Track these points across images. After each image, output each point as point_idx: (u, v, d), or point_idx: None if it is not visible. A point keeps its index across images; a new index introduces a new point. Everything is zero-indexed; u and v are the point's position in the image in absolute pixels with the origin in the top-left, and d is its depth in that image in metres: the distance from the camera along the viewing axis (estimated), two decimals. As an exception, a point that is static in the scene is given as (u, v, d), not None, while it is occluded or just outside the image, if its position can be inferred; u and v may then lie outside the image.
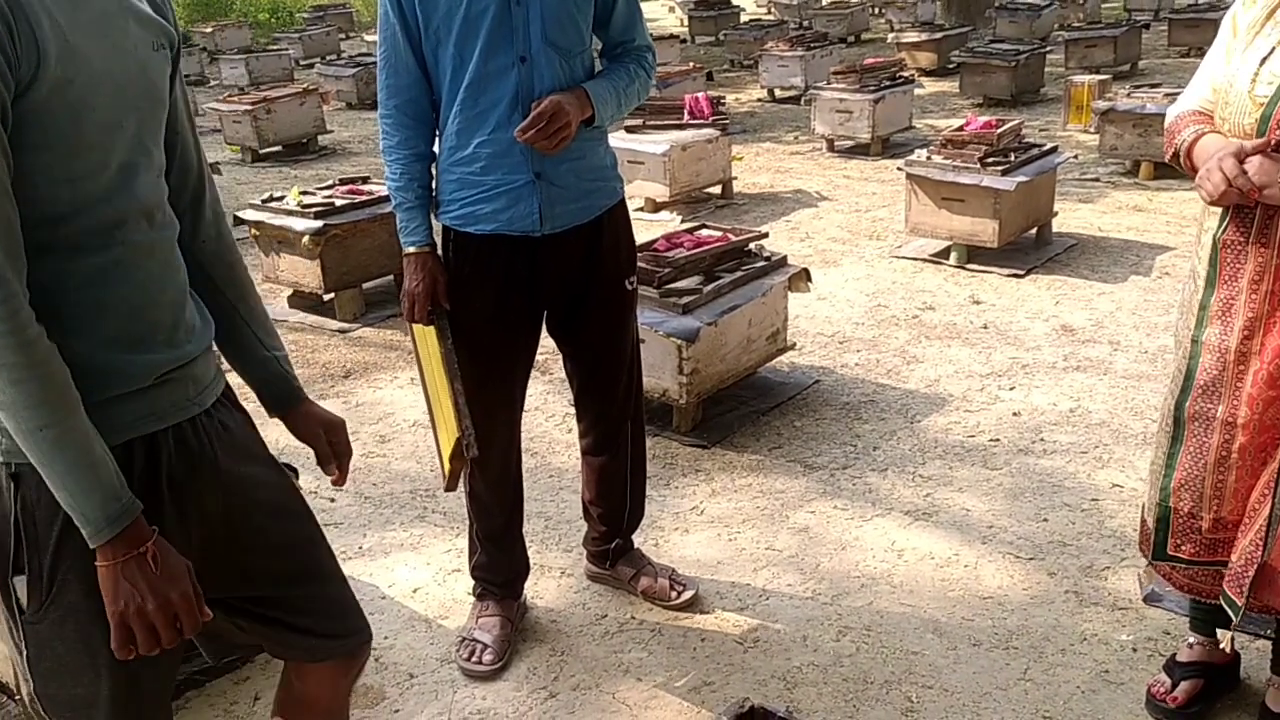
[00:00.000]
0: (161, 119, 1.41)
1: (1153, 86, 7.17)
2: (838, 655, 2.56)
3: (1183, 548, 2.13)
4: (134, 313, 1.36)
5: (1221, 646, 2.18)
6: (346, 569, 2.94)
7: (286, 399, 1.67)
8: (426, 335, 2.36)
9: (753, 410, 3.89)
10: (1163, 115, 2.09)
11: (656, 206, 6.66)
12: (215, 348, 1.55)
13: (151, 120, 1.38)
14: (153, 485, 1.38)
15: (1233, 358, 1.97)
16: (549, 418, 3.91)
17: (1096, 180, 6.90)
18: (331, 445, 1.68)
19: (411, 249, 2.34)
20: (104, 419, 1.31)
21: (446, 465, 2.31)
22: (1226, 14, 1.99)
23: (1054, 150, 5.63)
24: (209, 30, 16.08)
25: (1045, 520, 3.09)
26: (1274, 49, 1.86)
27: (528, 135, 2.16)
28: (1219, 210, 1.95)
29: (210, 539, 1.46)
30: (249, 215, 5.16)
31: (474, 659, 2.55)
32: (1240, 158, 1.81)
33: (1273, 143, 1.83)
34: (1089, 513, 3.11)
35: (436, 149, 2.37)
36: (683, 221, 6.16)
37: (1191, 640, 2.33)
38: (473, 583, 2.71)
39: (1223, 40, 1.99)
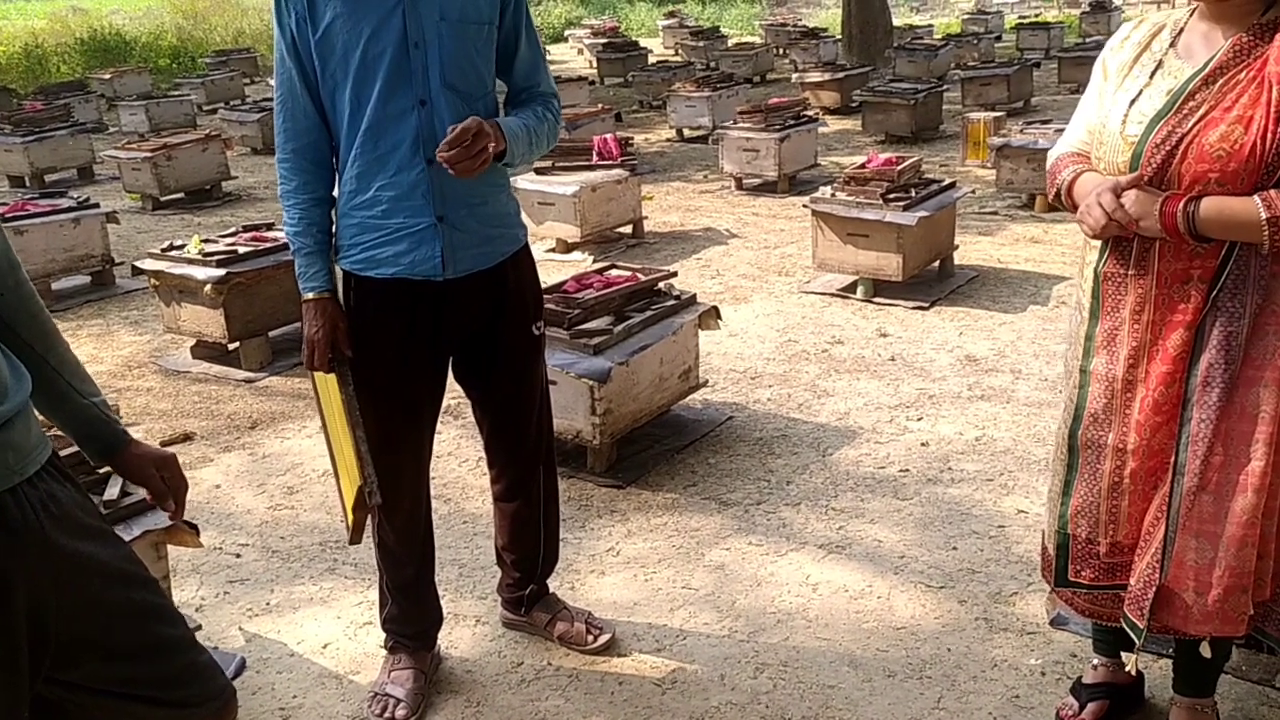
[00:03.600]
0: None
1: (1044, 122, 7.43)
2: (755, 693, 2.56)
3: (1083, 573, 2.19)
4: None
5: (1126, 669, 2.23)
6: (252, 626, 2.92)
7: (112, 444, 1.61)
8: (328, 383, 2.32)
9: (667, 448, 3.89)
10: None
11: (568, 247, 6.67)
12: (37, 413, 1.47)
13: None
14: None
15: (1120, 386, 2.04)
16: (462, 463, 3.87)
17: (995, 214, 7.12)
18: (166, 481, 1.63)
19: (311, 295, 2.30)
20: None
21: (350, 516, 2.26)
22: (1097, 59, 2.09)
23: (953, 185, 5.80)
24: (107, 77, 15.63)
25: (955, 548, 3.14)
26: (1142, 91, 1.96)
27: (450, 154, 2.10)
28: (1099, 244, 2.04)
29: (44, 616, 1.39)
30: (148, 265, 5.02)
31: (386, 714, 2.49)
32: (1117, 193, 1.90)
33: (1145, 178, 1.91)
34: (996, 539, 3.18)
35: (336, 193, 2.34)
36: (594, 261, 6.18)
37: (1096, 662, 2.39)
38: (384, 635, 2.65)
39: (1095, 84, 2.09)
